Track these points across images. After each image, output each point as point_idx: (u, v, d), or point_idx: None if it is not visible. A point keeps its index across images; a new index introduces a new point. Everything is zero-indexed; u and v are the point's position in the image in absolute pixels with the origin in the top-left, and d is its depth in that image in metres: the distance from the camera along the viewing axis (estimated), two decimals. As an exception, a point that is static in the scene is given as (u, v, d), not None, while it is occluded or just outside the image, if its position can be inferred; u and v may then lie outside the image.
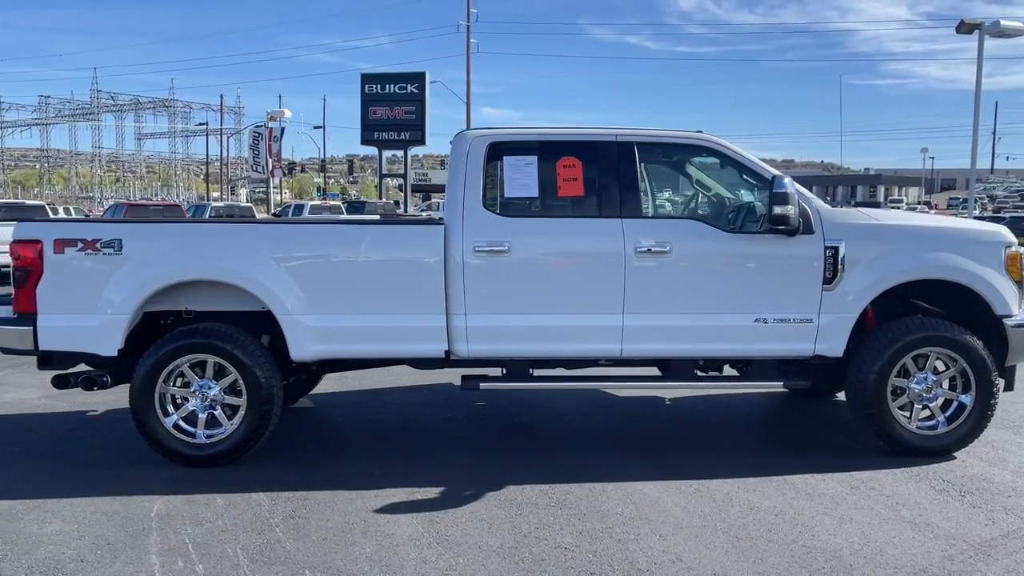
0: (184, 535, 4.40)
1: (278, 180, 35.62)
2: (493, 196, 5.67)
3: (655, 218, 5.88)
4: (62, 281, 5.49)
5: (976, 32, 20.79)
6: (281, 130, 38.74)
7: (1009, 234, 5.88)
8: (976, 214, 29.27)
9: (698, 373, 5.97)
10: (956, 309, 5.89)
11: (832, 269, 5.55)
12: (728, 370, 6.18)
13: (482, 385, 5.73)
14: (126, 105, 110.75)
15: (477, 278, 5.52)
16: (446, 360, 5.71)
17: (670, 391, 7.49)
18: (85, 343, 5.53)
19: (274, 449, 5.77)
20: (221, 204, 29.39)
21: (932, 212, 29.97)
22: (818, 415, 6.99)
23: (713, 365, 6.03)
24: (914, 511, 4.68)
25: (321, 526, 4.52)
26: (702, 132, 5.95)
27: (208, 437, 5.55)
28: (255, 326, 5.72)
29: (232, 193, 79.56)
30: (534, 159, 5.72)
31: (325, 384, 7.52)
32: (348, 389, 7.76)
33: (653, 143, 5.85)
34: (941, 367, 5.72)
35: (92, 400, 7.40)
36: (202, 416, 5.55)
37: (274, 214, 32.35)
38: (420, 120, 39.12)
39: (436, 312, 5.54)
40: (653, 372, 6.18)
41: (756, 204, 5.73)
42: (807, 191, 5.73)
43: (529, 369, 5.82)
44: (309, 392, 7.44)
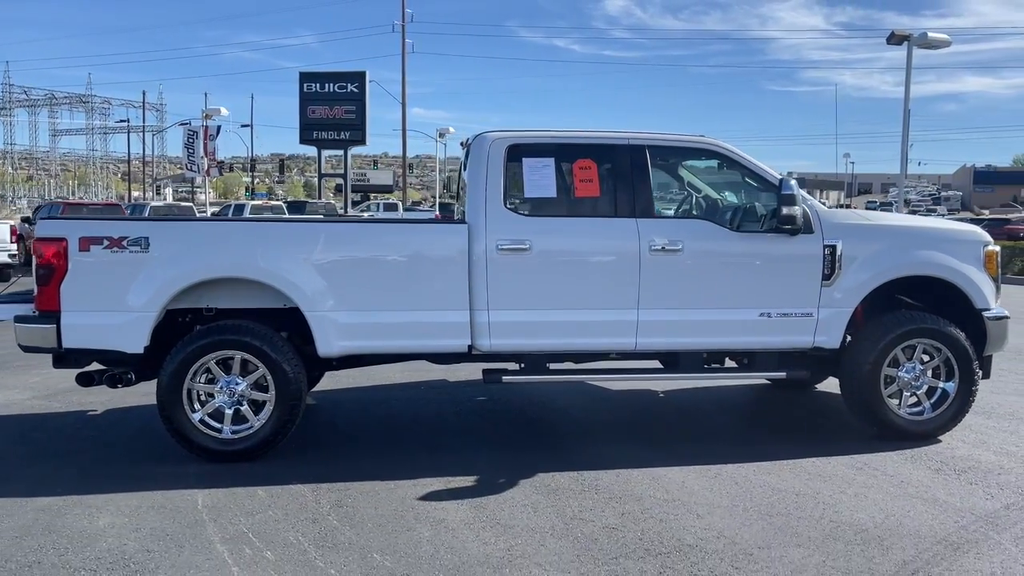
0: (240, 525, 4.51)
1: (203, 180, 34.94)
2: (513, 196, 5.88)
3: (667, 218, 6.17)
4: (87, 279, 5.50)
5: (906, 43, 21.92)
6: (217, 128, 37.84)
7: (986, 234, 6.37)
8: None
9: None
10: (934, 303, 6.35)
11: (830, 266, 5.93)
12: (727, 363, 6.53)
13: (504, 378, 5.94)
14: (40, 100, 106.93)
15: (499, 275, 5.73)
16: (467, 355, 5.90)
17: (663, 384, 7.82)
18: (111, 341, 5.55)
19: (295, 444, 5.87)
20: (161, 204, 28.75)
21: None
22: (803, 404, 7.40)
23: (716, 358, 6.36)
24: (919, 488, 5.08)
25: (372, 514, 4.67)
26: (704, 136, 6.28)
27: (234, 433, 5.63)
28: (274, 323, 5.81)
29: (156, 193, 77.50)
30: (551, 161, 5.96)
31: (320, 382, 7.61)
32: (343, 387, 7.85)
33: (663, 147, 6.15)
34: (926, 357, 6.16)
35: (87, 400, 7.36)
36: (228, 412, 5.62)
37: (213, 214, 31.76)
38: (360, 120, 38.97)
39: (460, 308, 5.73)
40: (654, 365, 6.52)
41: (759, 205, 6.08)
42: (805, 193, 6.11)
43: (546, 363, 6.06)
44: (311, 390, 7.52)
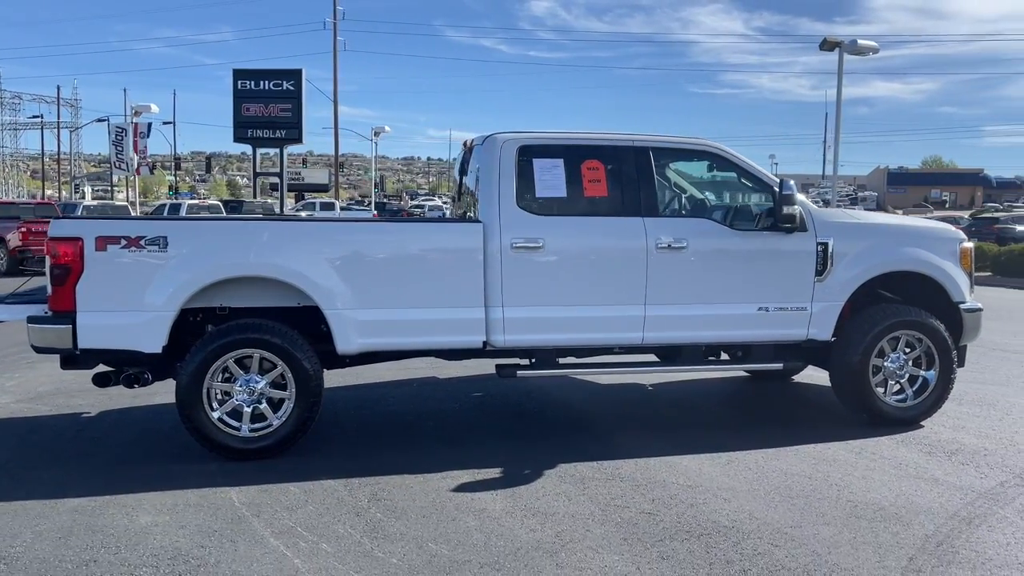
0: (285, 520, 4.57)
1: (135, 178, 34.03)
2: (525, 196, 6.04)
3: (671, 217, 6.41)
4: (104, 279, 5.47)
5: (836, 49, 22.86)
6: (148, 126, 36.96)
7: (961, 232, 6.82)
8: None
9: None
10: (910, 296, 6.75)
11: (823, 262, 6.27)
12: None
13: (519, 373, 6.11)
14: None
15: (513, 272, 5.89)
16: (481, 351, 6.05)
17: (650, 378, 8.09)
18: (128, 341, 5.53)
19: (309, 441, 5.90)
20: (95, 203, 27.92)
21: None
22: (784, 394, 7.76)
23: (713, 351, 6.65)
24: (918, 469, 5.43)
25: (412, 506, 4.79)
26: (701, 139, 6.56)
27: (253, 431, 5.66)
28: (287, 322, 5.86)
29: (75, 191, 74.88)
30: (560, 162, 6.15)
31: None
32: (335, 386, 7.88)
33: (665, 148, 6.39)
34: (908, 349, 6.55)
35: (74, 403, 7.30)
36: (247, 410, 5.65)
37: (145, 214, 31.02)
38: (297, 118, 38.50)
39: (475, 305, 5.88)
40: (650, 358, 6.78)
41: (756, 204, 6.38)
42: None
43: (556, 358, 6.25)
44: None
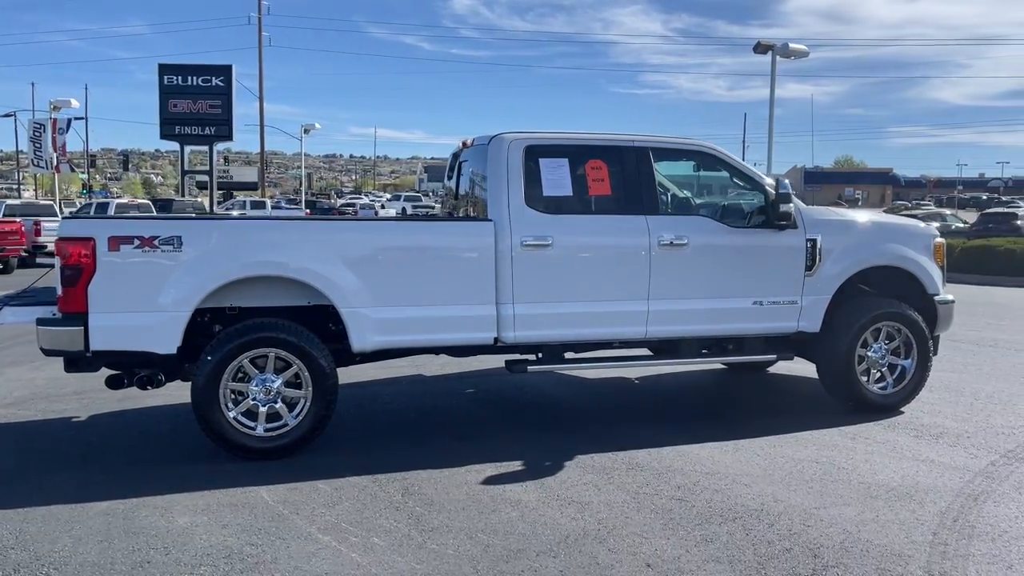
0: (326, 516, 4.61)
1: (54, 176, 32.91)
2: (533, 195, 6.17)
3: (672, 215, 6.62)
4: (117, 279, 5.39)
5: (769, 52, 23.66)
6: (68, 121, 35.72)
7: (934, 228, 7.24)
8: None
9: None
10: (885, 289, 7.12)
11: (812, 258, 6.58)
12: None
13: (529, 368, 6.24)
14: None
15: (523, 270, 6.02)
16: (491, 347, 6.16)
17: (635, 371, 8.32)
18: (142, 342, 5.46)
19: (318, 440, 5.89)
20: (17, 202, 26.81)
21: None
22: (764, 385, 8.08)
23: (708, 344, 6.89)
24: (912, 452, 5.77)
25: (447, 499, 4.87)
26: (694, 139, 6.80)
27: (268, 431, 5.65)
28: (296, 321, 5.86)
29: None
30: (565, 161, 6.30)
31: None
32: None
33: (664, 148, 6.60)
34: (887, 340, 6.91)
35: (58, 407, 7.15)
36: (262, 410, 5.64)
37: (72, 214, 29.92)
38: (227, 115, 37.70)
39: (487, 302, 5.99)
40: (643, 352, 7.01)
41: (749, 203, 6.65)
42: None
43: (562, 353, 6.40)
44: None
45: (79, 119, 60.83)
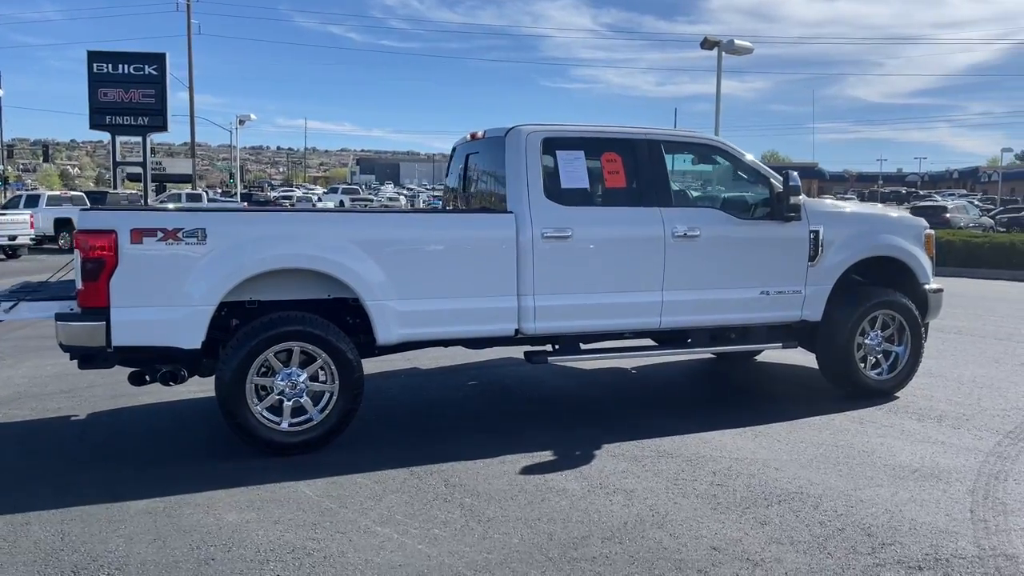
0: (377, 509, 4.59)
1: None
2: (551, 187, 6.20)
3: (684, 207, 6.73)
4: (139, 273, 5.26)
5: (716, 48, 24.15)
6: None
7: (924, 220, 7.54)
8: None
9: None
10: (875, 279, 7.39)
11: (814, 249, 6.79)
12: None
13: (549, 359, 6.29)
14: None
15: (544, 262, 6.06)
16: (511, 338, 6.19)
17: (631, 362, 8.44)
18: (166, 337, 5.34)
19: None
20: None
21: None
22: (762, 373, 8.29)
23: (716, 334, 7.04)
24: (921, 434, 6.01)
25: (492, 489, 4.89)
26: (703, 133, 6.94)
27: (292, 425, 5.58)
28: (317, 314, 5.80)
29: None
30: (581, 153, 6.36)
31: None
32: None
33: (675, 142, 6.72)
34: (883, 327, 7.17)
35: (52, 407, 6.91)
36: (288, 404, 5.56)
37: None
38: (161, 104, 36.68)
39: (508, 294, 6.02)
40: (647, 342, 7.12)
41: (756, 195, 6.81)
42: (790, 185, 6.91)
43: (578, 343, 6.47)
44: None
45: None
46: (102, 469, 5.29)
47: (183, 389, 6.57)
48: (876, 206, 8.83)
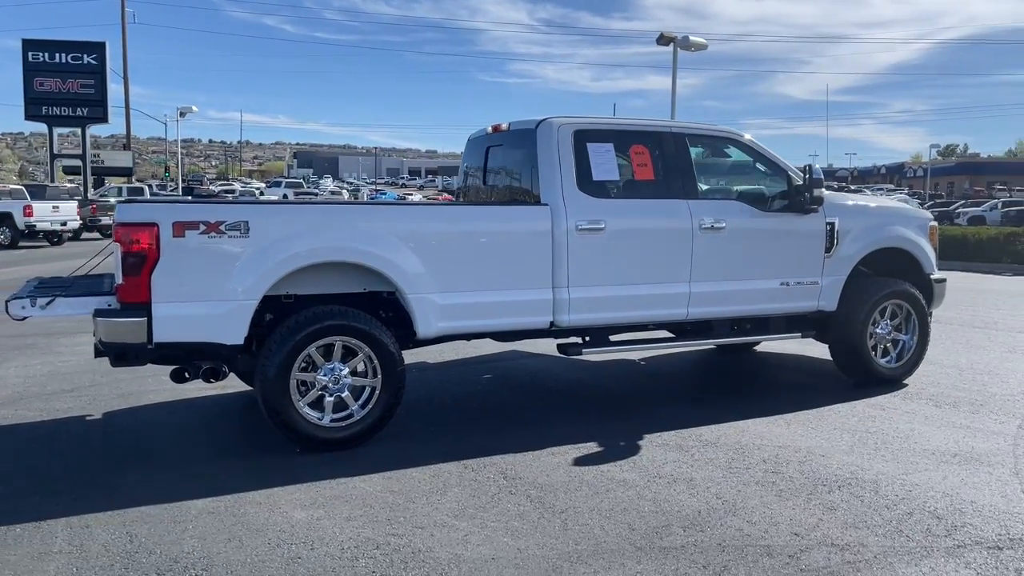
0: (445, 503, 4.54)
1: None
2: (583, 179, 6.22)
3: (709, 199, 6.81)
4: (182, 267, 5.11)
5: (672, 44, 24.46)
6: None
7: (928, 213, 7.78)
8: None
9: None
10: (881, 269, 7.60)
11: (831, 240, 6.95)
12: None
13: (583, 351, 6.31)
14: None
15: (578, 254, 6.08)
16: (546, 331, 6.19)
17: (638, 353, 8.52)
18: (209, 332, 5.20)
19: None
20: None
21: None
22: (767, 363, 8.45)
23: (736, 324, 7.15)
24: (944, 420, 6.21)
25: (552, 482, 4.89)
26: (724, 127, 7.03)
27: (334, 421, 5.49)
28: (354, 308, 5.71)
29: None
30: (611, 146, 6.38)
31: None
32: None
33: (698, 135, 6.79)
34: (892, 316, 7.38)
35: (61, 407, 6.68)
36: (329, 399, 5.48)
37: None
38: (101, 95, 35.55)
39: (543, 286, 6.02)
40: (664, 334, 7.21)
41: (776, 188, 6.93)
42: (804, 178, 7.05)
43: (608, 335, 6.50)
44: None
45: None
46: (144, 469, 5.13)
47: (190, 386, 6.38)
48: (880, 198, 9.06)
